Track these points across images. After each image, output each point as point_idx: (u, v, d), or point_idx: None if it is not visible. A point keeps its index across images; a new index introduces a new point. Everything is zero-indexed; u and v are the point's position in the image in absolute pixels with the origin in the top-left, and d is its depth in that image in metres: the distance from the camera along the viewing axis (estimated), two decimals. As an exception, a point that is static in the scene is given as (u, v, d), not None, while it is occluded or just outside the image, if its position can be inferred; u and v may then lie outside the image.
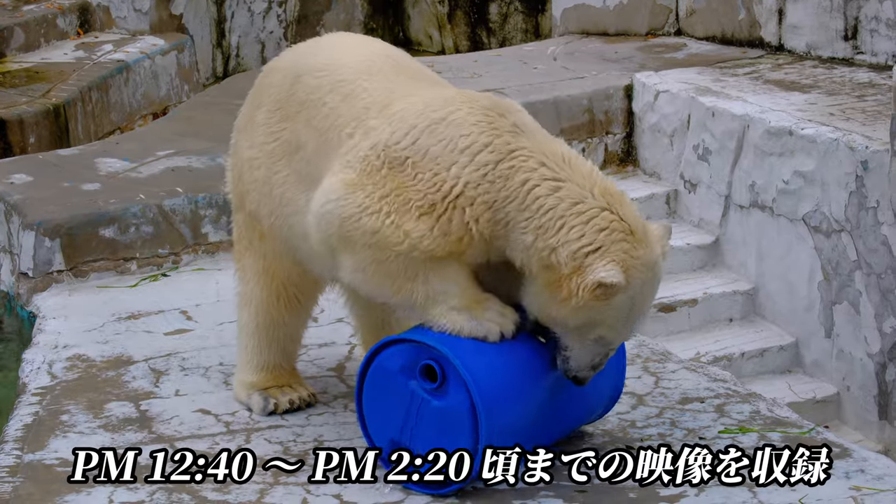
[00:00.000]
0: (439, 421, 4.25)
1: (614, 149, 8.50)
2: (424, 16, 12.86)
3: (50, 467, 4.59)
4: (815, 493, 4.32)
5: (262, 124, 4.70)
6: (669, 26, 9.69)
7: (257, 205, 4.76)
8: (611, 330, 4.25)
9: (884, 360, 6.95)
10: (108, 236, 6.50)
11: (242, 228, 4.91)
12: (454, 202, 4.18)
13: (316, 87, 4.54)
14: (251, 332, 4.95)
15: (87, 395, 5.17)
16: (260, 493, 4.39)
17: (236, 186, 4.91)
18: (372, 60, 4.54)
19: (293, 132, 4.59)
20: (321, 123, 4.48)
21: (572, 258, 4.12)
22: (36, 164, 7.29)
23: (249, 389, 5.01)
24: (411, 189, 4.18)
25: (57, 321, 5.96)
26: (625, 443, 4.68)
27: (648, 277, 4.23)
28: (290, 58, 4.79)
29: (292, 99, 4.61)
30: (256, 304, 4.90)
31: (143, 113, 10.32)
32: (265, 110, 4.71)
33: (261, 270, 4.86)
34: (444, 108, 4.25)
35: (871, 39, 8.39)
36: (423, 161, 4.19)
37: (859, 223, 6.95)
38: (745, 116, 7.63)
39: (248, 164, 4.78)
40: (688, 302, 7.58)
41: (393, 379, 4.34)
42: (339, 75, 4.50)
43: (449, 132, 4.20)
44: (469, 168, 4.17)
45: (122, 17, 11.12)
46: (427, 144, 4.20)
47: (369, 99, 4.39)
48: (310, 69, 4.61)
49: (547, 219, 4.14)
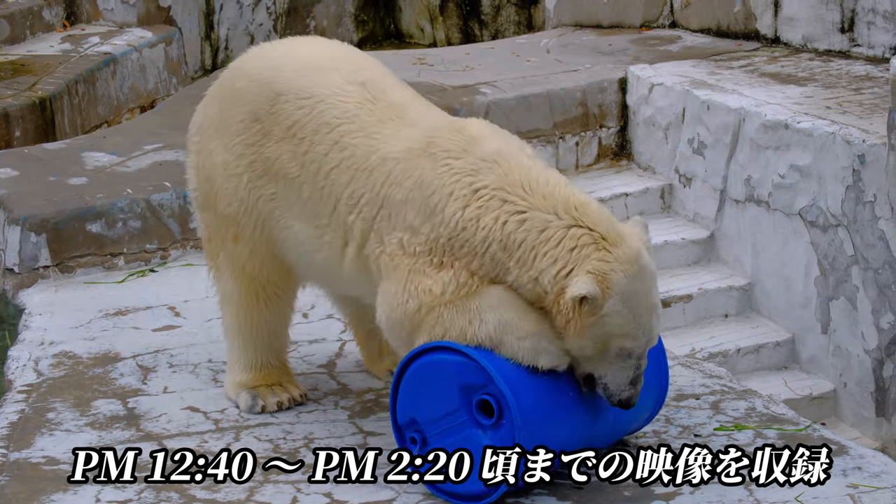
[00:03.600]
0: (476, 447, 4.22)
1: (608, 142, 8.46)
2: (416, 7, 12.83)
3: (36, 465, 4.57)
4: (813, 491, 4.33)
5: (237, 133, 4.72)
6: (664, 18, 9.66)
7: (235, 210, 4.77)
8: (626, 337, 4.22)
9: (881, 357, 6.93)
10: (94, 231, 6.47)
11: (212, 229, 4.91)
12: (448, 259, 4.28)
13: (299, 120, 4.59)
14: (236, 332, 4.97)
15: (73, 392, 5.14)
16: (250, 491, 4.37)
17: (202, 186, 4.90)
18: (347, 96, 4.58)
19: (278, 155, 4.62)
20: (312, 167, 4.55)
21: (553, 284, 4.19)
22: (21, 159, 7.26)
23: (238, 388, 5.00)
24: (422, 258, 4.30)
25: (43, 317, 5.94)
26: (620, 441, 4.65)
27: (634, 271, 4.22)
28: (262, 66, 4.76)
29: (274, 118, 4.64)
30: (237, 303, 4.91)
31: (131, 106, 10.29)
32: (240, 121, 4.71)
33: (237, 271, 4.87)
34: (411, 170, 4.37)
35: (868, 32, 8.37)
36: (416, 237, 4.31)
37: (856, 218, 6.92)
38: (741, 110, 7.61)
39: (222, 169, 4.77)
40: (683, 297, 7.57)
41: (450, 381, 4.27)
42: (321, 114, 4.57)
43: (420, 195, 4.33)
44: (442, 226, 4.29)
45: (109, 9, 11.07)
46: (410, 218, 4.34)
47: (354, 158, 4.48)
48: (292, 91, 4.63)
49: (521, 252, 4.23)
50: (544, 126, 8.21)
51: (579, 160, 8.36)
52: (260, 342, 4.96)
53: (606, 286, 4.15)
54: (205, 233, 4.99)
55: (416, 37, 12.87)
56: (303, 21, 12.45)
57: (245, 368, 4.99)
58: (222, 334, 5.08)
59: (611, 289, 4.15)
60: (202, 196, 4.92)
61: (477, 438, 4.23)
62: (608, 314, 4.16)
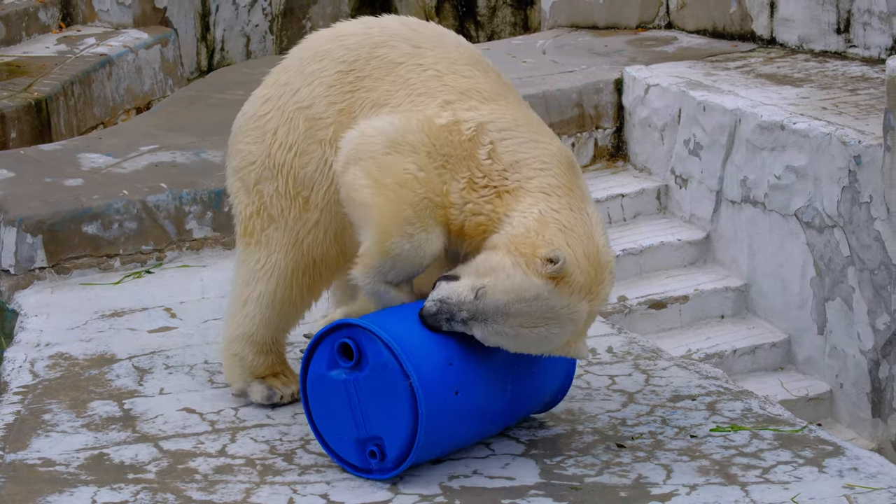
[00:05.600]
0: (375, 390, 4.31)
1: (604, 143, 8.46)
2: (412, 8, 12.82)
3: (32, 467, 4.55)
4: (809, 492, 4.31)
5: (328, 86, 4.70)
6: (660, 19, 9.66)
7: (316, 167, 4.73)
8: (499, 291, 4.28)
9: (877, 357, 6.93)
10: (90, 233, 6.46)
11: (271, 199, 4.83)
12: (502, 194, 4.40)
13: (415, 53, 4.64)
14: (264, 305, 4.89)
15: (69, 393, 5.13)
16: (246, 492, 4.36)
17: (273, 154, 4.82)
18: (474, 54, 4.73)
19: (371, 90, 4.64)
20: (418, 86, 4.59)
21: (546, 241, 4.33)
22: (17, 160, 7.25)
23: (248, 376, 4.99)
24: (476, 162, 4.43)
25: (39, 319, 5.93)
26: (615, 441, 4.65)
27: (555, 307, 4.32)
28: (353, 27, 4.80)
29: (375, 61, 4.65)
30: (278, 276, 4.85)
31: (127, 107, 10.28)
32: (331, 72, 4.70)
33: (291, 244, 4.81)
34: (541, 135, 4.55)
35: (864, 33, 8.37)
36: (504, 154, 4.44)
37: (852, 219, 6.92)
38: (737, 111, 7.61)
39: (305, 126, 4.73)
40: (679, 298, 7.57)
41: (325, 381, 4.39)
42: (446, 52, 4.66)
43: (536, 152, 4.47)
44: (534, 181, 4.41)
45: (104, 11, 11.06)
46: (514, 147, 4.46)
47: (480, 85, 4.60)
48: (400, 37, 4.69)
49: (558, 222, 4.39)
50: (540, 127, 8.20)
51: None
52: (283, 319, 4.94)
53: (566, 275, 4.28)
54: (252, 207, 4.88)
55: (412, 38, 12.85)
56: (299, 22, 12.44)
57: (257, 347, 4.96)
58: (232, 307, 4.99)
59: (561, 281, 4.27)
60: (265, 166, 4.83)
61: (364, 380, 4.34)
62: (527, 278, 4.27)
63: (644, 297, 7.54)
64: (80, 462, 4.57)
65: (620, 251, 7.69)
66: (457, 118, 4.48)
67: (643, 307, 7.51)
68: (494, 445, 4.64)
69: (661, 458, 4.55)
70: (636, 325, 7.37)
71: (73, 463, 4.57)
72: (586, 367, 5.29)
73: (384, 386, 4.29)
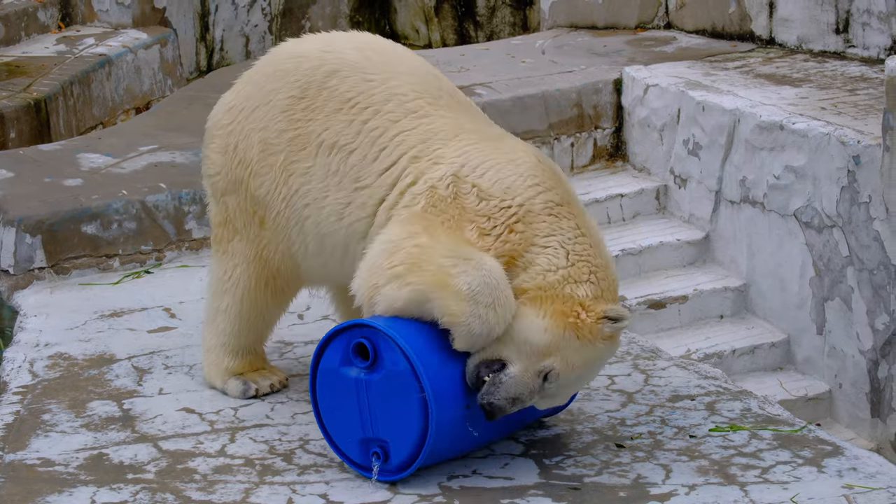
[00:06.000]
0: (387, 394, 4.31)
1: (603, 143, 8.46)
2: (411, 9, 12.81)
3: (32, 467, 4.55)
4: (807, 492, 4.30)
5: (280, 110, 4.73)
6: (659, 19, 9.66)
7: (267, 190, 4.78)
8: (568, 367, 4.30)
9: (876, 357, 6.92)
10: (90, 233, 6.46)
11: (235, 211, 4.91)
12: (513, 226, 4.35)
13: (365, 91, 4.63)
14: (233, 316, 5.00)
15: (69, 393, 5.13)
16: (245, 492, 4.36)
17: (232, 169, 4.89)
18: (427, 80, 4.68)
19: (326, 127, 4.65)
20: (374, 133, 4.59)
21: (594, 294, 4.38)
22: (16, 160, 7.24)
23: (225, 375, 5.08)
24: (472, 213, 4.38)
25: (38, 319, 5.93)
26: (614, 441, 4.65)
27: (611, 355, 4.47)
28: (313, 46, 4.80)
29: (327, 92, 4.67)
30: (243, 289, 4.95)
31: (126, 108, 10.26)
32: (284, 97, 4.73)
33: (252, 257, 4.90)
34: (513, 152, 4.50)
35: (863, 33, 8.37)
36: (492, 189, 4.39)
37: (851, 219, 6.92)
38: (736, 111, 7.61)
39: (259, 148, 4.78)
40: (678, 298, 7.57)
41: (337, 377, 4.39)
42: (396, 87, 4.62)
43: (520, 170, 4.43)
44: (535, 200, 4.39)
45: (104, 11, 11.05)
46: (498, 177, 4.41)
47: (436, 125, 4.56)
48: (353, 67, 4.67)
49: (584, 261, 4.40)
50: (539, 127, 8.21)
51: (574, 161, 8.36)
52: (254, 329, 5.04)
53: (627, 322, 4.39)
54: (220, 216, 4.97)
55: (411, 38, 12.85)
56: (298, 22, 12.43)
57: (232, 353, 5.06)
58: (206, 317, 5.09)
59: (618, 337, 4.40)
60: (228, 179, 4.90)
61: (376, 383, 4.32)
62: (594, 347, 4.32)
63: (643, 297, 7.54)
64: (79, 462, 4.57)
65: (620, 251, 7.70)
66: (430, 185, 4.45)
67: (642, 307, 7.50)
68: (494, 445, 4.64)
69: (661, 458, 4.55)
70: (635, 326, 7.37)
71: (72, 463, 4.57)
72: (585, 367, 5.29)
73: (397, 393, 4.28)
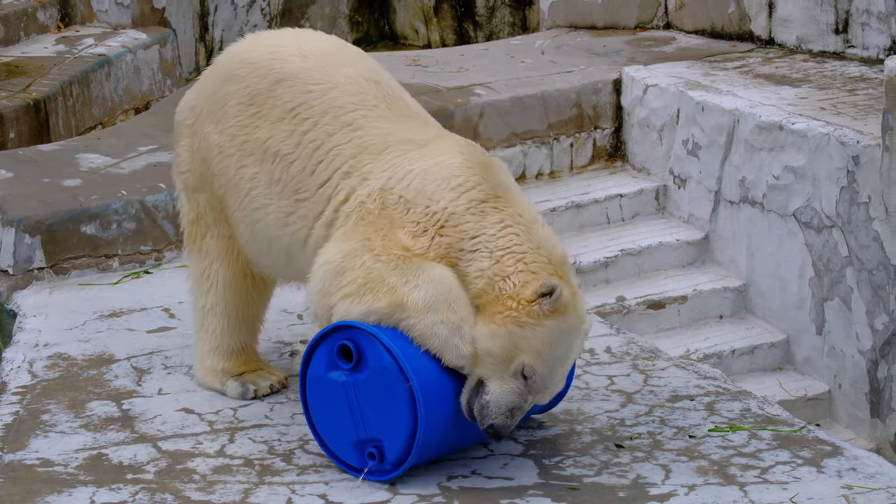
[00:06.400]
0: (374, 392, 4.33)
1: (603, 144, 8.46)
2: (410, 9, 12.81)
3: (31, 467, 4.55)
4: (807, 492, 4.30)
5: (232, 116, 4.83)
6: (658, 20, 9.66)
7: (224, 191, 4.89)
8: (538, 358, 4.28)
9: (875, 358, 6.92)
10: (89, 233, 6.45)
11: (205, 209, 5.00)
12: (440, 231, 4.38)
13: (306, 102, 4.71)
14: (219, 314, 5.05)
15: (68, 394, 5.12)
16: (244, 492, 4.36)
17: (197, 168, 4.99)
18: (365, 88, 4.73)
19: (271, 135, 4.74)
20: (312, 145, 4.67)
21: (523, 281, 4.31)
22: (15, 160, 7.23)
23: (222, 376, 5.09)
24: (401, 221, 4.42)
25: (37, 319, 5.92)
26: (614, 441, 4.65)
27: (574, 326, 4.36)
28: (262, 52, 4.87)
29: (272, 101, 4.76)
30: (223, 284, 5.01)
31: (125, 108, 10.26)
32: (236, 102, 4.83)
33: (224, 251, 4.98)
34: (439, 155, 4.53)
35: (863, 33, 8.37)
36: (416, 197, 4.45)
37: (850, 219, 6.92)
38: (735, 111, 7.60)
39: (216, 150, 4.88)
40: (677, 299, 7.56)
41: (325, 383, 4.42)
42: (334, 99, 4.70)
43: (443, 173, 4.47)
44: (458, 201, 4.42)
45: (103, 11, 11.04)
46: (422, 184, 4.46)
47: (367, 138, 4.63)
48: (296, 77, 4.75)
49: (510, 252, 4.36)
50: (539, 127, 8.20)
51: (574, 161, 8.36)
52: (243, 324, 5.07)
53: (567, 301, 4.29)
54: (191, 215, 5.06)
55: (411, 38, 12.85)
56: (297, 22, 12.43)
57: (225, 354, 5.08)
58: (194, 321, 5.11)
59: (568, 307, 4.29)
60: (195, 177, 5.00)
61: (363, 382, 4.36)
62: (544, 326, 4.26)
63: (642, 298, 7.54)
64: (78, 462, 4.57)
65: (619, 251, 7.70)
66: (360, 201, 4.52)
67: (642, 307, 7.50)
68: (493, 446, 4.64)
69: (660, 458, 4.55)
70: (635, 326, 7.37)
71: (71, 463, 4.56)
72: (585, 367, 5.29)
73: (384, 388, 4.30)
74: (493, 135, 8.05)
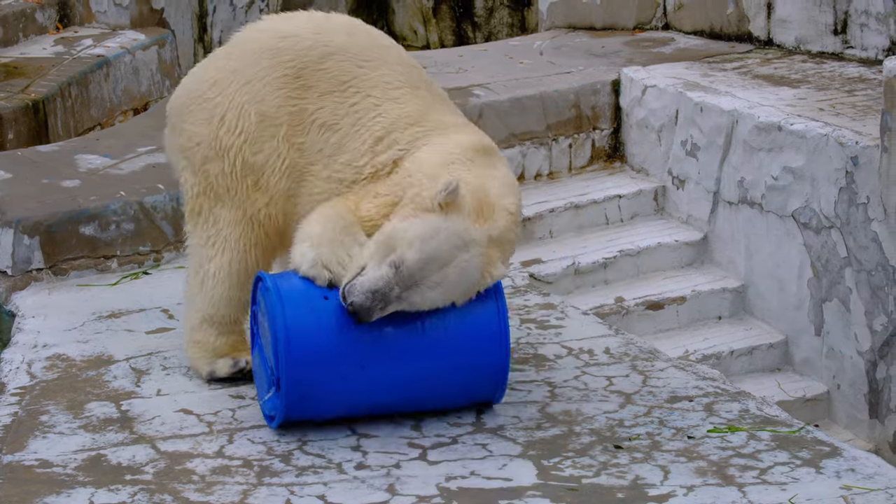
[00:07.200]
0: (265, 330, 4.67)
1: (601, 144, 8.46)
2: (409, 10, 12.81)
3: (30, 468, 4.54)
4: (806, 493, 4.30)
5: (278, 87, 4.94)
6: (657, 20, 9.65)
7: (265, 157, 4.97)
8: (411, 250, 4.46)
9: (874, 358, 6.92)
10: (88, 234, 6.45)
11: (218, 177, 5.03)
12: None
13: (360, 75, 4.93)
14: (221, 280, 5.09)
15: (67, 395, 5.12)
16: (243, 493, 4.35)
17: (220, 137, 5.01)
18: (409, 70, 4.99)
19: (319, 106, 4.92)
20: (360, 112, 4.89)
21: None
22: (14, 161, 7.22)
23: (212, 356, 5.17)
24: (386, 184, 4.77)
25: (36, 320, 5.91)
26: (612, 442, 4.65)
27: (457, 229, 4.54)
28: (306, 26, 5.03)
29: (322, 73, 4.93)
30: (231, 251, 5.07)
31: (124, 108, 10.25)
32: (281, 75, 4.95)
33: (240, 218, 5.04)
34: (454, 137, 4.86)
35: (861, 34, 8.37)
36: (413, 168, 4.74)
37: (849, 219, 6.92)
38: (734, 112, 7.60)
39: (256, 120, 4.96)
40: (676, 299, 7.56)
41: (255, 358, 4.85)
42: (385, 76, 4.93)
43: (446, 149, 4.78)
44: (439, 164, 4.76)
45: (102, 12, 11.04)
46: (425, 159, 4.77)
47: (407, 109, 4.87)
48: (346, 51, 4.96)
49: None
50: (537, 128, 8.20)
51: (572, 162, 8.36)
52: (243, 292, 5.08)
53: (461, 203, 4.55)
54: (200, 186, 5.07)
55: (410, 39, 12.85)
56: (296, 23, 12.42)
57: (219, 327, 5.14)
58: (189, 295, 5.16)
59: (457, 207, 4.53)
60: (212, 147, 5.02)
61: None
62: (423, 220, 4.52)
63: (641, 298, 7.54)
64: (77, 463, 4.57)
65: (618, 252, 7.70)
66: (375, 168, 4.84)
67: (640, 308, 7.50)
68: (492, 446, 4.64)
69: (659, 459, 4.55)
70: (633, 327, 7.37)
71: (70, 464, 4.56)
72: (584, 367, 5.29)
73: (267, 319, 4.62)
74: (492, 135, 7.91)
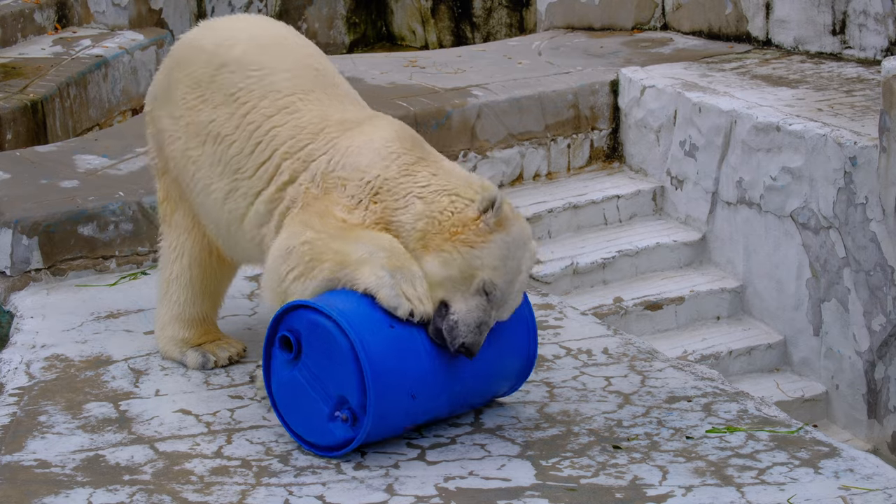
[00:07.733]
0: (317, 355, 4.45)
1: (600, 145, 8.46)
2: (407, 10, 12.81)
3: (28, 469, 4.54)
4: (804, 493, 4.30)
5: (179, 100, 5.05)
6: (655, 21, 9.66)
7: (178, 173, 5.13)
8: (496, 272, 4.44)
9: (872, 359, 6.92)
10: (86, 234, 6.45)
11: (170, 188, 5.24)
12: (374, 198, 4.60)
13: (245, 87, 4.93)
14: (184, 284, 5.26)
15: (65, 395, 5.12)
16: (242, 494, 4.35)
17: (159, 153, 5.25)
18: (303, 73, 4.93)
19: (212, 119, 4.96)
20: (250, 127, 4.88)
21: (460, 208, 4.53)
22: (13, 161, 7.23)
23: (182, 346, 5.31)
24: (340, 198, 4.62)
25: (35, 320, 5.91)
26: (611, 442, 4.65)
27: (521, 237, 4.53)
28: (209, 39, 5.07)
29: (215, 86, 4.97)
30: (189, 256, 5.23)
31: (122, 109, 10.26)
32: (183, 87, 5.05)
33: (190, 226, 5.21)
34: (372, 132, 4.75)
35: (860, 34, 8.37)
36: (352, 174, 4.65)
37: (848, 220, 6.92)
38: (733, 112, 7.61)
39: (168, 135, 5.13)
40: (675, 300, 7.57)
41: (286, 382, 4.56)
42: (271, 84, 4.91)
43: (375, 146, 4.69)
44: (391, 167, 4.64)
45: (100, 12, 11.04)
46: (356, 160, 4.68)
47: (305, 119, 4.83)
48: (237, 63, 4.96)
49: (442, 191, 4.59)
50: (536, 128, 8.21)
51: (571, 162, 8.36)
52: (207, 295, 5.28)
53: (509, 213, 4.51)
54: (162, 193, 5.31)
55: (408, 39, 12.85)
56: (294, 23, 12.41)
57: (187, 324, 5.29)
58: (159, 294, 5.32)
59: (510, 219, 4.48)
60: (161, 161, 5.26)
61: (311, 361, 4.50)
62: (493, 241, 4.44)
63: (640, 299, 7.54)
64: (75, 464, 4.57)
65: (616, 252, 7.70)
66: (305, 187, 4.71)
67: (639, 308, 7.51)
68: (490, 446, 4.64)
69: (657, 459, 4.54)
70: (632, 327, 7.38)
71: (68, 465, 4.56)
72: (582, 368, 5.29)
73: (322, 346, 4.41)
74: (491, 136, 8.05)
